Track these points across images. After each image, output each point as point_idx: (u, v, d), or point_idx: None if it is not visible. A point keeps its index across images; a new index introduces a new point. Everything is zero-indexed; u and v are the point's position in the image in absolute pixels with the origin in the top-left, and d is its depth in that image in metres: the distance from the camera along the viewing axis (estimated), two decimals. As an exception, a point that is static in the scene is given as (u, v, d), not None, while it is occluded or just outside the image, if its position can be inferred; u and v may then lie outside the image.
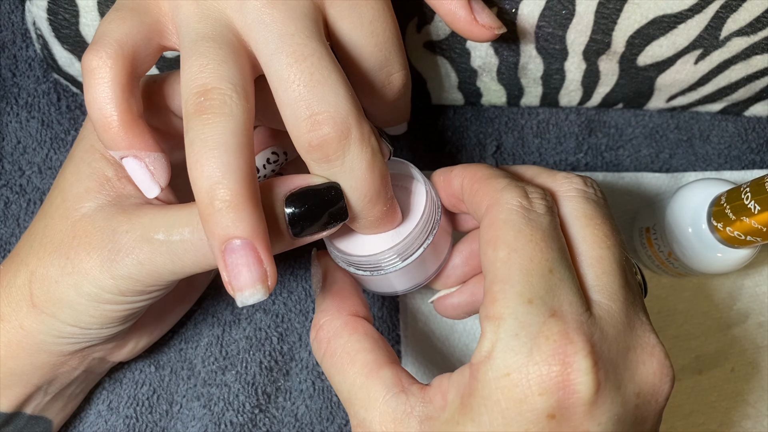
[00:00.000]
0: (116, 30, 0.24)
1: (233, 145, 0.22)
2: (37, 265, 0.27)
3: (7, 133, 0.39)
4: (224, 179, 0.21)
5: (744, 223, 0.30)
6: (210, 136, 0.22)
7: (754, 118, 0.42)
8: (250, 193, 0.22)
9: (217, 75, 0.22)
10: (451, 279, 0.31)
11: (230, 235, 0.22)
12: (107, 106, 0.24)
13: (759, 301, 0.39)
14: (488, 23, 0.29)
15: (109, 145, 0.24)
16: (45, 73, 0.40)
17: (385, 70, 0.28)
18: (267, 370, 0.37)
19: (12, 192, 0.38)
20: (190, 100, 0.22)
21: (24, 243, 0.28)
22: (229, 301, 0.38)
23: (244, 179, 0.22)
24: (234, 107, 0.22)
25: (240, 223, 0.22)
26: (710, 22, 0.34)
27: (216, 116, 0.22)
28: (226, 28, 0.24)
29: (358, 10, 0.26)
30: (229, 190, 0.21)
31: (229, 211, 0.21)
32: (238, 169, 0.22)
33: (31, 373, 0.29)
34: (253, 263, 0.22)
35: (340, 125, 0.23)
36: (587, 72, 0.37)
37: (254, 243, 0.22)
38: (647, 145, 0.42)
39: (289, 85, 0.23)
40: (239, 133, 0.22)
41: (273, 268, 0.22)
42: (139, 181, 0.25)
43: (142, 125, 0.25)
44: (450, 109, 0.42)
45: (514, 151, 0.41)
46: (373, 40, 0.26)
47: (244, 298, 0.22)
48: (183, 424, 0.36)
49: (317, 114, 0.22)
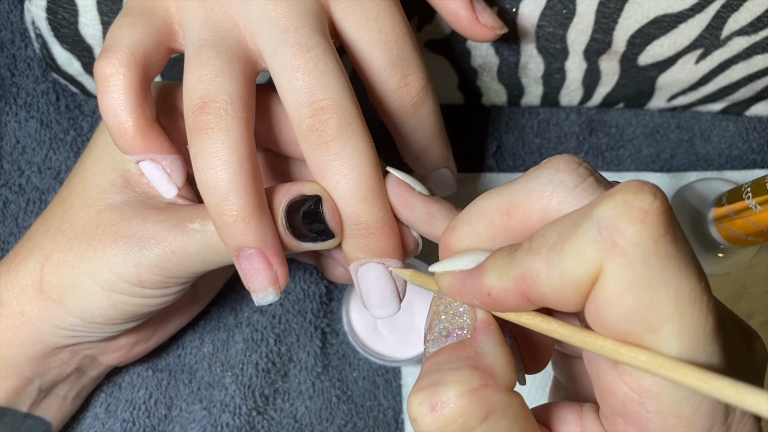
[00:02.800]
0: (127, 36, 0.24)
1: (233, 161, 0.22)
2: (54, 250, 0.27)
3: (6, 133, 0.39)
4: (229, 194, 0.22)
5: (745, 223, 0.30)
6: (210, 153, 0.22)
7: (755, 117, 0.42)
8: (255, 204, 0.23)
9: (214, 86, 0.23)
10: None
11: (241, 245, 0.23)
12: (122, 112, 0.24)
13: (759, 301, 0.39)
14: (490, 23, 0.29)
15: (126, 150, 0.25)
16: (44, 72, 0.40)
17: (400, 70, 0.26)
18: (264, 372, 0.37)
19: (11, 192, 0.38)
20: (189, 114, 0.23)
21: (38, 228, 0.29)
22: (231, 306, 0.38)
23: (248, 192, 0.23)
24: (230, 121, 0.23)
25: (248, 234, 0.23)
26: (711, 22, 0.33)
27: (214, 132, 0.22)
28: (228, 33, 0.24)
29: (362, 7, 0.25)
30: (234, 206, 0.23)
31: (237, 224, 0.23)
32: (240, 184, 0.23)
33: (24, 364, 0.29)
34: (264, 269, 0.24)
35: (342, 112, 0.23)
36: (588, 71, 0.37)
37: (263, 250, 0.23)
38: (648, 144, 0.42)
39: (293, 74, 0.23)
40: (238, 147, 0.23)
41: (283, 270, 0.24)
42: (157, 182, 0.26)
43: (156, 129, 0.25)
44: (450, 109, 0.41)
45: (514, 151, 0.41)
46: (382, 37, 0.26)
47: (258, 299, 0.24)
48: (182, 428, 0.36)
49: (320, 100, 0.23)
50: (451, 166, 0.31)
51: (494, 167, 0.41)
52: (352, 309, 0.34)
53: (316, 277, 0.38)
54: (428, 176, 0.31)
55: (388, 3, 0.26)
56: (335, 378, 0.37)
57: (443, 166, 0.30)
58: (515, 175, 0.40)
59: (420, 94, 0.27)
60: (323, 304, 0.38)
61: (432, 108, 0.27)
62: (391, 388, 0.38)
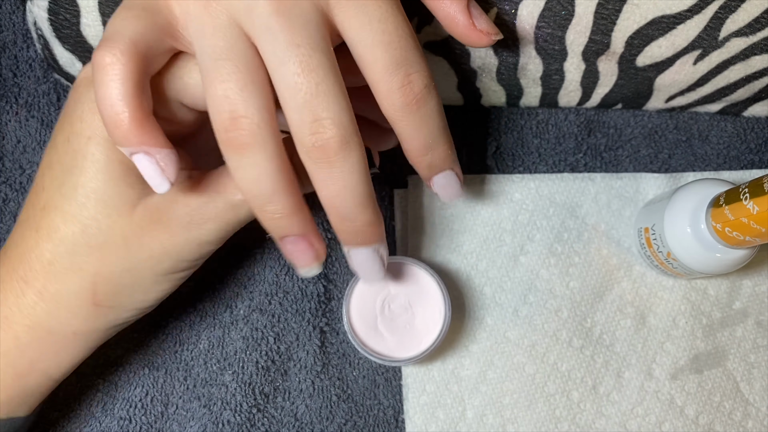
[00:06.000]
0: (129, 27, 0.24)
1: (273, 170, 0.25)
2: (100, 267, 0.28)
3: (6, 132, 0.39)
4: (273, 198, 0.25)
5: (743, 224, 0.30)
6: (251, 166, 0.25)
7: (753, 118, 0.42)
8: (296, 201, 0.26)
9: (242, 102, 0.24)
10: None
11: (286, 234, 0.27)
12: (119, 102, 0.24)
13: (759, 300, 0.39)
14: (486, 29, 0.29)
15: (120, 141, 0.25)
16: (45, 73, 0.40)
17: (403, 69, 0.26)
18: (264, 370, 0.37)
19: (11, 189, 0.38)
20: (221, 131, 0.25)
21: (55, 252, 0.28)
22: (227, 303, 0.38)
23: (289, 194, 0.25)
24: (264, 134, 0.24)
25: (293, 226, 0.26)
26: (709, 23, 0.34)
27: (250, 147, 0.24)
28: (239, 40, 0.24)
29: (364, 8, 0.25)
30: (279, 206, 0.25)
31: (282, 220, 0.26)
32: (282, 189, 0.25)
33: (66, 372, 0.31)
34: (307, 249, 0.27)
35: (343, 130, 0.24)
36: (586, 72, 0.38)
37: (306, 235, 0.27)
38: (646, 145, 0.42)
39: (297, 93, 0.24)
40: (276, 156, 0.25)
41: (322, 246, 0.28)
42: (149, 177, 0.25)
43: (152, 122, 0.25)
44: (450, 110, 0.41)
45: (513, 152, 0.41)
46: (385, 38, 0.26)
47: (304, 272, 0.28)
48: (179, 425, 0.36)
49: (322, 119, 0.24)
50: (456, 169, 0.31)
51: (494, 168, 0.41)
52: (353, 308, 0.35)
53: (315, 276, 0.38)
54: (433, 180, 0.31)
55: (389, 4, 0.26)
56: (335, 377, 0.38)
57: (448, 167, 0.30)
58: (515, 175, 0.40)
59: (423, 92, 0.27)
60: (322, 303, 0.38)
61: (435, 106, 0.28)
62: (391, 387, 0.38)
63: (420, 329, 0.34)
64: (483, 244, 0.40)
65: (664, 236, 0.35)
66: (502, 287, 0.39)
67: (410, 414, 0.37)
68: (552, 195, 0.40)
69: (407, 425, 0.37)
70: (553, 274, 0.39)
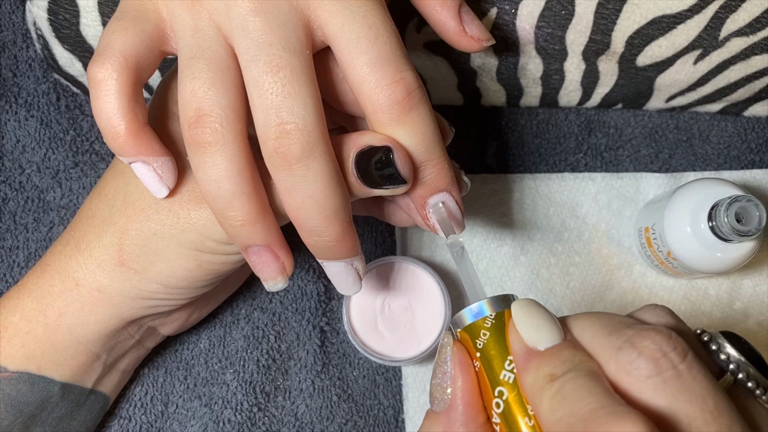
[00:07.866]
0: (119, 41, 0.25)
1: (233, 171, 0.24)
2: (130, 222, 0.28)
3: (6, 132, 0.39)
4: (233, 202, 0.24)
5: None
6: (211, 166, 0.24)
7: (753, 118, 0.42)
8: (258, 207, 0.25)
9: (208, 100, 0.24)
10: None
11: (250, 244, 0.25)
12: (114, 116, 0.25)
13: (759, 300, 0.39)
14: (477, 35, 0.29)
15: (118, 152, 0.26)
16: (45, 73, 0.40)
17: (393, 66, 0.24)
18: (265, 369, 0.37)
19: (11, 189, 0.38)
20: (185, 128, 0.24)
21: (99, 205, 0.29)
22: (228, 301, 0.38)
23: (250, 198, 0.24)
24: (227, 133, 0.24)
25: (254, 235, 0.25)
26: (709, 23, 0.34)
27: (211, 146, 0.24)
28: (215, 41, 0.24)
29: (348, 6, 0.25)
30: (239, 212, 0.24)
31: (243, 228, 0.25)
32: (242, 192, 0.24)
33: (96, 341, 0.31)
34: (272, 261, 0.26)
35: (305, 137, 0.23)
36: (587, 72, 0.38)
37: (270, 246, 0.26)
38: (647, 145, 0.42)
39: (263, 92, 0.24)
40: (236, 157, 0.24)
41: (289, 260, 0.26)
42: (149, 183, 0.27)
43: (148, 132, 0.26)
44: (450, 110, 0.42)
45: (513, 152, 0.41)
46: (372, 33, 0.24)
47: (269, 286, 0.27)
48: (180, 424, 0.36)
49: (286, 123, 0.23)
50: (454, 193, 0.27)
51: (494, 167, 0.41)
52: (353, 308, 0.35)
53: (314, 276, 0.38)
54: (427, 204, 0.27)
55: (374, 3, 0.25)
56: (335, 376, 0.38)
57: (444, 188, 0.27)
58: (514, 175, 0.40)
59: (417, 92, 0.25)
60: (322, 302, 0.38)
61: (428, 112, 0.25)
62: (391, 387, 0.38)
63: (420, 329, 0.34)
64: (483, 244, 0.40)
65: (665, 236, 0.35)
66: (503, 287, 0.39)
67: (410, 414, 0.37)
68: (552, 195, 0.40)
69: (407, 425, 0.37)
70: (553, 273, 0.39)
